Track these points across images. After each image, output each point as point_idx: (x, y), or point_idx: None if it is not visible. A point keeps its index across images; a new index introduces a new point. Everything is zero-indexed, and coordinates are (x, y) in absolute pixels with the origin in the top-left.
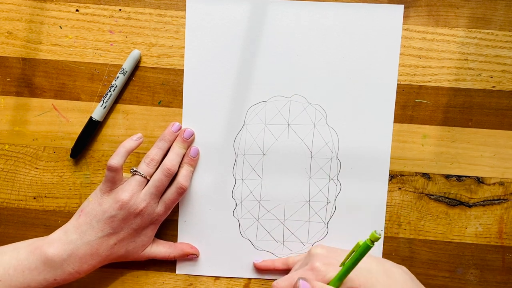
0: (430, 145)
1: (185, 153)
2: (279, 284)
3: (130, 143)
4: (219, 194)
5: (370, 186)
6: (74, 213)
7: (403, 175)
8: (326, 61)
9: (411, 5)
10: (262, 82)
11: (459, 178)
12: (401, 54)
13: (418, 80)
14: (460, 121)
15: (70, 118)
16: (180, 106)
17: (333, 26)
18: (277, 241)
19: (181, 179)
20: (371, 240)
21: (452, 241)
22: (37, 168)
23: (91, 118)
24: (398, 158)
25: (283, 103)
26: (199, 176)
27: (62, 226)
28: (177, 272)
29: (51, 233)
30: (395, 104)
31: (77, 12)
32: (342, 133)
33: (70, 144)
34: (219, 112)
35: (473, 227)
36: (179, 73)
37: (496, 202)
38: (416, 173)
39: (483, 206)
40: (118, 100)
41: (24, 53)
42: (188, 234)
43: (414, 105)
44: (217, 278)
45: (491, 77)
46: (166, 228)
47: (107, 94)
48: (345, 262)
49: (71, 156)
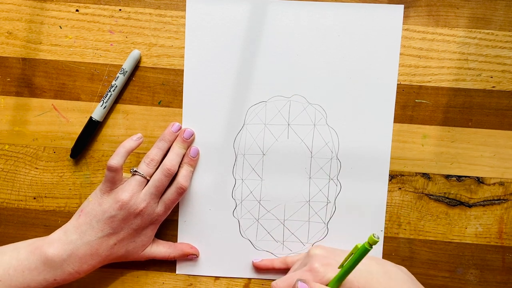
0: (430, 145)
1: (185, 153)
2: (278, 284)
3: (130, 143)
4: (219, 194)
5: (370, 186)
6: (74, 213)
7: (403, 175)
8: (326, 61)
9: (411, 5)
10: (262, 82)
11: (459, 178)
12: (401, 54)
13: (418, 80)
14: (460, 121)
15: (70, 118)
16: (180, 106)
17: (333, 26)
18: (277, 241)
19: (181, 179)
20: (369, 243)
21: (452, 241)
22: (37, 168)
23: (91, 118)
24: (398, 158)
25: (283, 103)
26: (199, 176)
27: (62, 226)
28: (177, 272)
29: (51, 233)
30: (395, 104)
31: (77, 12)
32: (342, 133)
33: (70, 144)
34: (219, 112)
35: (473, 227)
36: (179, 73)
37: (496, 202)
38: (416, 173)
39: (483, 206)
40: (118, 100)
41: (24, 53)
42: (188, 234)
43: (414, 105)
44: (217, 278)
45: (491, 77)
46: (166, 228)
47: (107, 94)
48: (343, 264)
49: (71, 156)
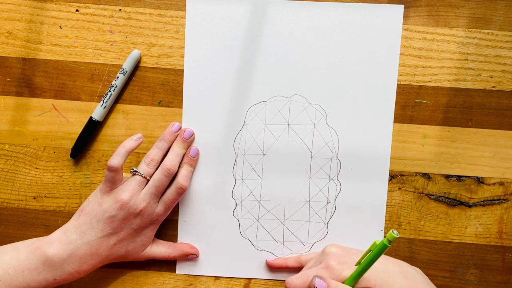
0: (430, 145)
1: (185, 153)
2: (293, 281)
3: (130, 143)
4: (219, 194)
5: (370, 186)
6: (74, 213)
7: (403, 175)
8: (326, 61)
9: (411, 5)
10: (262, 82)
11: (459, 178)
12: (401, 54)
13: (418, 80)
14: (460, 121)
15: (70, 118)
16: (180, 106)
17: (333, 26)
18: (277, 241)
19: (180, 179)
20: (389, 239)
21: (452, 241)
22: (37, 168)
23: (91, 118)
24: (398, 158)
25: (283, 103)
26: (199, 176)
27: (62, 226)
28: (177, 272)
29: (51, 233)
30: (395, 104)
31: (77, 12)
32: (342, 133)
33: (70, 144)
34: (219, 112)
35: (473, 227)
36: (179, 73)
37: (496, 202)
38: (416, 173)
39: (483, 206)
40: (118, 100)
41: (24, 53)
42: (188, 234)
43: (414, 105)
44: (217, 278)
45: (491, 77)
46: (166, 228)
47: (107, 94)
48: (360, 261)
49: (71, 156)
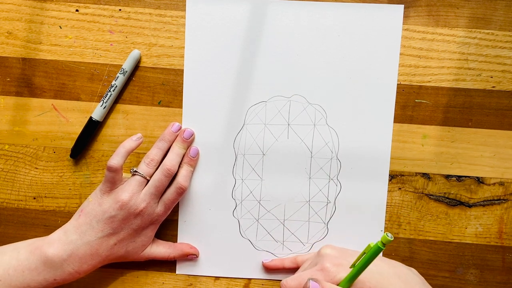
0: (430, 145)
1: (185, 153)
2: (288, 283)
3: (130, 144)
4: (219, 194)
5: (370, 186)
6: (74, 213)
7: (403, 175)
8: (326, 61)
9: (411, 5)
10: (262, 82)
11: (459, 178)
12: (401, 54)
13: (418, 80)
14: (460, 121)
15: (70, 118)
16: (180, 106)
17: (333, 26)
18: (277, 241)
19: (180, 179)
20: (383, 242)
21: (452, 241)
22: (37, 168)
23: (91, 118)
24: (398, 158)
25: (283, 103)
26: (199, 176)
27: (62, 226)
28: (177, 272)
29: (51, 233)
30: (395, 104)
31: (77, 12)
32: (342, 133)
33: (70, 144)
34: (219, 112)
35: (473, 227)
36: (179, 73)
37: (496, 202)
38: (416, 173)
39: (483, 206)
40: (118, 100)
41: (24, 53)
42: (188, 234)
43: (414, 105)
44: (217, 278)
45: (491, 77)
46: (166, 228)
47: (107, 94)
48: (355, 263)
49: (71, 156)
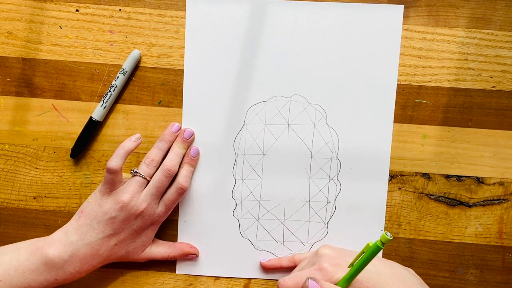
0: (430, 145)
1: (185, 153)
2: (286, 282)
3: (129, 144)
4: (219, 194)
5: (370, 186)
6: (74, 213)
7: (403, 175)
8: (326, 61)
9: (411, 5)
10: (262, 82)
11: (459, 178)
12: (401, 54)
13: (418, 80)
14: (460, 121)
15: (70, 118)
16: (180, 106)
17: (333, 26)
18: (277, 241)
19: (181, 180)
20: (382, 241)
21: (452, 241)
22: (37, 168)
23: (91, 118)
24: (398, 158)
25: (283, 103)
26: (199, 176)
27: (62, 227)
28: (177, 272)
29: (51, 233)
30: (395, 104)
31: (77, 12)
32: (342, 133)
33: (70, 144)
34: (219, 112)
35: (473, 227)
36: (179, 73)
37: (496, 202)
38: (416, 173)
39: (483, 206)
40: (118, 100)
41: (24, 53)
42: (188, 234)
43: (414, 105)
44: (217, 278)
45: (491, 77)
46: (166, 228)
47: (107, 94)
48: (353, 263)
49: (71, 156)
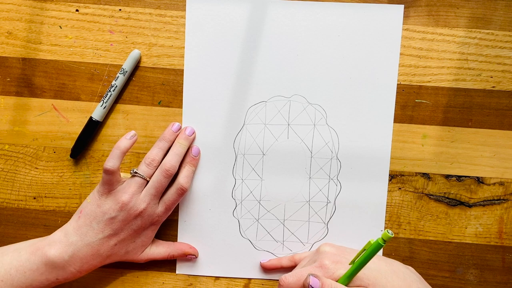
0: (430, 145)
1: (185, 152)
2: (287, 279)
3: (124, 143)
4: (219, 194)
5: (370, 186)
6: (74, 213)
7: (403, 175)
8: (326, 61)
9: (411, 5)
10: (262, 82)
11: (459, 178)
12: (401, 54)
13: (418, 80)
14: (460, 121)
15: (70, 118)
16: (180, 106)
17: (333, 26)
18: (277, 241)
19: (181, 180)
20: (383, 239)
21: (452, 241)
22: (37, 168)
23: (91, 118)
24: (398, 158)
25: (283, 103)
26: (199, 176)
27: (62, 227)
28: (177, 272)
29: (51, 233)
30: (395, 104)
31: (77, 12)
32: (342, 133)
33: (70, 144)
34: (219, 112)
35: (473, 227)
36: (179, 73)
37: (496, 202)
38: (416, 173)
39: (483, 206)
40: (118, 100)
41: (24, 53)
42: (188, 234)
43: (414, 105)
44: (217, 278)
45: (491, 77)
46: (166, 228)
47: (107, 94)
48: (354, 260)
49: (71, 156)
